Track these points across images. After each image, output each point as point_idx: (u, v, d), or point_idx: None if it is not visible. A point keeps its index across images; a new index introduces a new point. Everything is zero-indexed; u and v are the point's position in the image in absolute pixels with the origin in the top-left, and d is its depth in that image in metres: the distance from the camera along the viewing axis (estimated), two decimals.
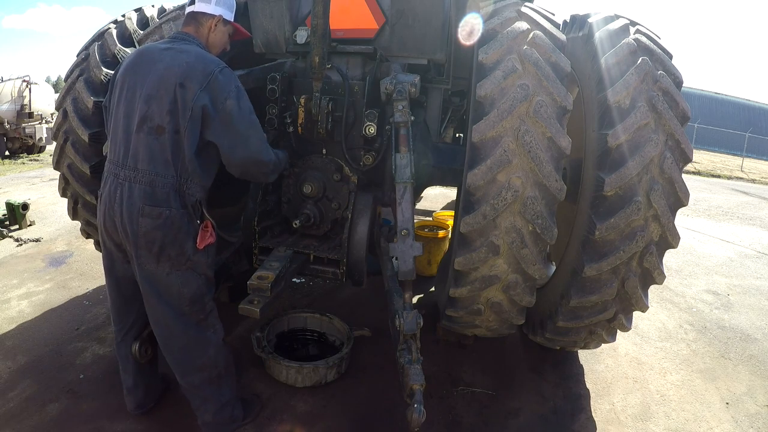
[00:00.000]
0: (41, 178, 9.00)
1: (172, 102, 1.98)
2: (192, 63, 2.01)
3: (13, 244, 5.07)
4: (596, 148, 2.39)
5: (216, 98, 2.01)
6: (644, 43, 2.41)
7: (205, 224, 2.14)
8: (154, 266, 2.07)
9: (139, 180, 2.00)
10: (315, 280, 4.15)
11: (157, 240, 2.01)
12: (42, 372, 2.85)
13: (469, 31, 2.57)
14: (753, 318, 4.35)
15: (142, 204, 1.99)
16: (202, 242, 2.11)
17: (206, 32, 2.24)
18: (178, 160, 2.02)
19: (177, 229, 2.04)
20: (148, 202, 1.99)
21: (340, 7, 2.80)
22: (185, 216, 2.06)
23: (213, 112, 2.00)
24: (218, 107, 2.01)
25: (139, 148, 2.00)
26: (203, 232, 2.12)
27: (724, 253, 6.43)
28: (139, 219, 1.99)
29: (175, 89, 1.97)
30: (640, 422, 2.78)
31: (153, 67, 2.03)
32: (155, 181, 2.00)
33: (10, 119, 12.10)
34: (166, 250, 2.04)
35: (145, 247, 2.03)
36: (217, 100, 2.01)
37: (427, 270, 4.33)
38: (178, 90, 1.97)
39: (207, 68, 2.02)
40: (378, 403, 2.73)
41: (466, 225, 2.25)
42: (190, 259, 2.11)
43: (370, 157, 2.79)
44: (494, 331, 2.73)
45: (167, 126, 1.98)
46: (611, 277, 2.36)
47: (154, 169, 2.00)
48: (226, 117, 2.03)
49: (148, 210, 1.99)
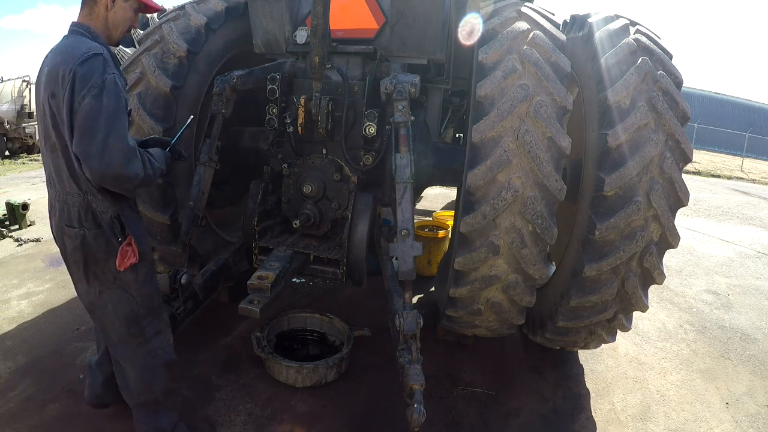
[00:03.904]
0: (41, 178, 8.99)
1: (51, 116, 1.78)
2: (57, 65, 1.74)
3: (13, 244, 5.07)
4: (596, 148, 2.39)
5: (74, 97, 1.70)
6: (644, 43, 2.41)
7: (127, 241, 1.92)
8: (86, 286, 1.98)
9: (59, 199, 1.91)
10: (315, 280, 4.14)
11: (79, 260, 1.91)
12: (42, 372, 2.85)
13: (469, 31, 2.57)
14: (753, 318, 4.35)
15: (62, 224, 1.90)
16: (122, 263, 1.91)
17: (102, 11, 1.92)
18: (77, 176, 1.82)
19: (95, 250, 1.89)
20: (66, 223, 1.89)
21: (340, 7, 2.80)
22: (100, 236, 1.88)
23: (69, 117, 1.71)
24: (74, 108, 1.70)
25: (51, 167, 1.89)
26: (123, 251, 1.91)
27: (724, 253, 6.43)
28: (63, 239, 1.93)
29: (48, 101, 1.77)
30: (640, 422, 2.78)
31: (41, 77, 1.85)
32: (67, 199, 1.87)
33: (10, 119, 12.10)
34: (90, 268, 1.93)
35: (74, 266, 1.96)
36: (75, 99, 1.70)
37: (427, 270, 4.33)
38: (51, 101, 1.76)
39: (68, 63, 1.71)
40: (378, 403, 2.73)
41: (466, 225, 2.25)
42: (117, 278, 1.96)
43: (370, 157, 2.78)
44: (494, 331, 2.73)
45: (57, 142, 1.81)
46: (611, 277, 2.37)
47: (63, 188, 1.87)
48: (81, 120, 1.69)
49: (67, 230, 1.90)
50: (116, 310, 1.99)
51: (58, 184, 1.88)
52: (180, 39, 2.79)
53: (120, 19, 1.96)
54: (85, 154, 1.69)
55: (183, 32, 2.84)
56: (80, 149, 1.70)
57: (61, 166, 1.84)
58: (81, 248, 1.88)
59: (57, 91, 1.73)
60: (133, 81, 2.72)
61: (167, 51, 2.79)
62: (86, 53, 1.73)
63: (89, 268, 1.92)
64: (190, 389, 2.71)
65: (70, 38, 1.87)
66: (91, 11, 1.91)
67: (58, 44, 1.87)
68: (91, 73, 1.71)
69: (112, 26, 1.95)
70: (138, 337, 2.05)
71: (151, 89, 2.73)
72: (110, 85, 1.73)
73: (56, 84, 1.73)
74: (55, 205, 1.92)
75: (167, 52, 2.78)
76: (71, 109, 1.70)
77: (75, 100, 1.69)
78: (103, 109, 1.69)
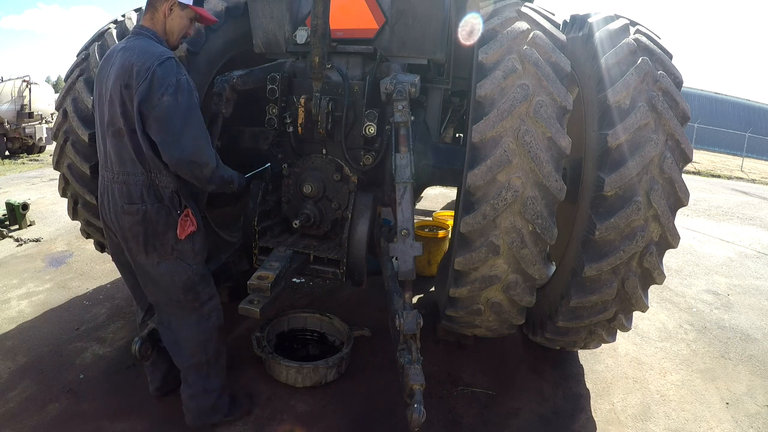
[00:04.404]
0: (41, 178, 8.99)
1: (122, 104, 2.01)
2: (134, 61, 1.99)
3: (13, 244, 5.07)
4: (596, 148, 2.39)
5: (153, 94, 1.96)
6: (644, 43, 2.41)
7: (185, 213, 2.16)
8: (144, 258, 2.16)
9: (117, 180, 2.11)
10: (315, 280, 4.15)
11: (140, 234, 2.10)
12: (42, 372, 2.85)
13: (469, 31, 2.57)
14: (753, 318, 4.35)
15: (121, 203, 2.09)
16: (182, 232, 2.15)
17: (162, 18, 2.17)
18: (142, 157, 2.06)
19: (155, 223, 2.10)
20: (126, 201, 2.09)
21: (340, 7, 2.80)
22: (162, 209, 2.11)
23: (148, 109, 1.97)
24: (153, 103, 1.96)
25: (111, 151, 2.10)
26: (183, 221, 2.15)
27: (724, 253, 6.43)
28: (121, 216, 2.10)
29: (121, 92, 2.00)
30: (640, 422, 2.78)
31: (110, 70, 2.07)
32: (128, 180, 2.09)
33: (10, 119, 12.10)
34: (150, 241, 2.12)
35: (133, 240, 2.13)
36: (153, 95, 1.96)
37: (427, 270, 4.33)
38: (123, 92, 1.99)
39: (146, 64, 1.97)
40: (378, 403, 2.73)
41: (466, 225, 2.25)
42: (175, 249, 2.17)
43: (370, 157, 2.78)
44: (494, 331, 2.73)
45: (124, 128, 2.03)
46: (611, 277, 2.36)
47: (125, 169, 2.08)
48: (161, 113, 1.97)
49: (127, 208, 2.09)
50: (174, 278, 2.19)
51: (118, 166, 2.09)
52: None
53: (176, 26, 2.21)
54: (164, 142, 1.99)
55: None
56: (160, 138, 1.99)
57: (124, 150, 2.06)
58: (142, 222, 2.08)
59: (131, 83, 1.97)
60: None
61: None
62: (162, 55, 2.01)
63: (149, 241, 2.11)
64: None
65: (139, 39, 2.11)
66: (153, 16, 2.17)
67: (129, 44, 2.09)
68: (167, 73, 1.98)
69: (169, 32, 2.20)
70: (194, 302, 2.26)
71: None
72: (184, 84, 2.02)
73: (131, 77, 1.97)
74: (111, 186, 2.12)
75: None
76: (149, 102, 1.95)
77: (154, 96, 1.95)
78: (179, 105, 1.99)
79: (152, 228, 2.10)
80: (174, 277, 2.19)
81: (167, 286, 2.21)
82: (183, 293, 2.23)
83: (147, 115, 1.98)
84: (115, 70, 2.03)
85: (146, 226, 2.09)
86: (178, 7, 2.18)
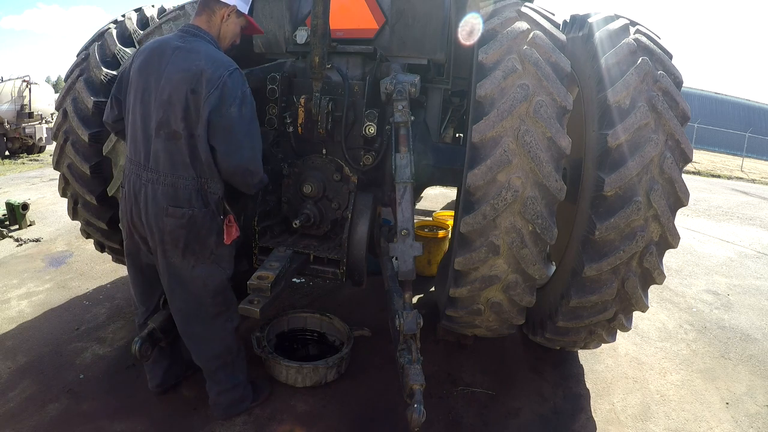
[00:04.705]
0: (41, 178, 8.99)
1: (185, 109, 2.01)
2: (202, 67, 2.01)
3: (13, 244, 5.07)
4: (596, 148, 2.39)
5: (222, 104, 2.01)
6: (644, 43, 2.41)
7: (228, 219, 2.20)
8: (180, 260, 2.16)
9: (162, 182, 2.07)
10: (315, 280, 4.14)
11: (181, 237, 2.10)
12: (42, 372, 2.85)
13: (469, 31, 2.57)
14: (753, 318, 4.35)
15: (166, 205, 2.07)
16: (228, 238, 2.19)
17: (218, 22, 2.20)
18: (196, 162, 2.07)
19: (200, 227, 2.12)
20: (171, 203, 2.07)
21: (340, 7, 2.79)
22: (207, 214, 2.13)
23: (217, 118, 2.02)
24: (222, 113, 2.02)
25: (159, 152, 2.06)
26: (228, 227, 2.19)
27: (724, 253, 6.43)
28: (163, 218, 2.07)
29: (186, 95, 2.00)
30: (640, 422, 2.78)
31: (165, 68, 2.04)
32: (177, 183, 2.07)
33: (10, 119, 12.09)
34: (191, 245, 2.13)
35: (171, 243, 2.12)
36: (222, 105, 2.01)
37: (427, 270, 4.33)
38: (189, 96, 2.00)
39: (216, 72, 2.01)
40: (378, 403, 2.73)
41: (466, 225, 2.25)
42: (214, 253, 2.20)
43: (370, 157, 2.78)
44: (494, 331, 2.73)
45: (182, 132, 2.03)
46: (611, 277, 2.36)
47: (175, 172, 2.06)
48: (228, 123, 2.03)
49: (172, 211, 2.07)
50: (207, 282, 2.21)
51: (168, 168, 2.06)
52: None
53: (230, 32, 2.26)
54: (226, 151, 2.05)
55: None
56: (223, 147, 2.05)
57: (177, 153, 2.05)
58: (186, 226, 2.08)
59: (199, 89, 1.99)
60: None
61: None
62: (230, 65, 2.06)
63: (189, 244, 2.12)
64: (190, 389, 2.71)
65: (199, 42, 2.11)
66: (210, 19, 2.19)
67: (187, 44, 2.08)
68: (236, 86, 2.04)
69: (222, 37, 2.24)
70: (222, 305, 2.29)
71: None
72: (248, 97, 2.09)
73: (199, 83, 1.99)
74: (152, 187, 2.07)
75: None
76: (218, 112, 2.00)
77: (223, 106, 2.00)
78: (243, 117, 2.05)
79: (195, 232, 2.11)
80: (207, 280, 2.21)
81: (198, 290, 2.22)
82: (212, 297, 2.25)
83: (214, 124, 2.01)
84: (178, 71, 2.01)
85: (189, 229, 2.09)
86: (235, 14, 2.22)
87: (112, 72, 3.06)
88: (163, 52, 2.07)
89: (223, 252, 2.24)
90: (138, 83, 2.09)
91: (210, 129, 2.03)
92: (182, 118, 2.01)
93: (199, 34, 2.14)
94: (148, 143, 2.08)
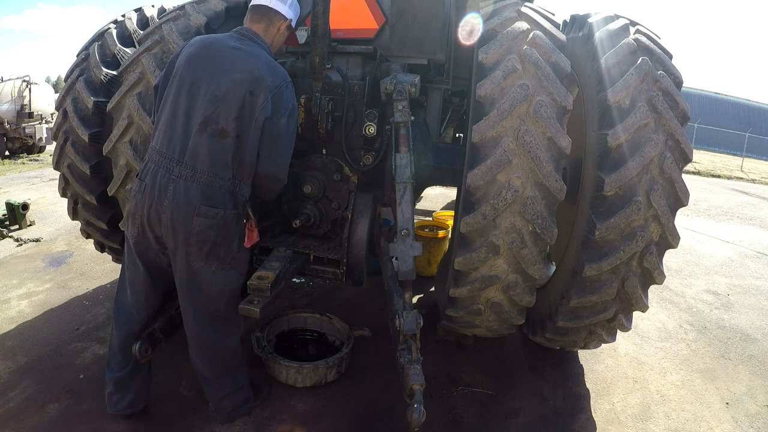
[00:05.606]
0: (41, 178, 8.99)
1: (240, 109, 2.01)
2: (263, 72, 2.05)
3: (13, 244, 5.07)
4: (596, 148, 2.39)
5: (276, 113, 2.07)
6: (644, 43, 2.41)
7: (249, 224, 2.22)
8: (202, 264, 2.11)
9: (197, 180, 2.02)
10: (315, 280, 4.14)
11: (209, 239, 2.06)
12: (42, 372, 2.85)
13: (469, 31, 2.57)
14: (753, 318, 4.35)
15: (199, 203, 2.01)
16: (249, 241, 2.20)
17: (274, 32, 2.28)
18: (236, 163, 2.07)
19: (228, 229, 2.11)
20: (205, 202, 2.03)
21: (340, 7, 2.80)
22: (235, 216, 2.13)
23: (269, 125, 2.06)
24: (273, 121, 2.07)
25: (200, 148, 2.01)
26: (249, 232, 2.21)
27: (724, 253, 6.43)
28: (194, 218, 2.01)
29: (244, 96, 2.01)
30: (640, 422, 2.78)
31: (220, 66, 2.04)
32: (213, 182, 2.04)
33: (10, 119, 12.09)
34: (216, 248, 2.10)
35: (196, 245, 2.05)
36: (276, 114, 2.07)
37: (427, 270, 4.33)
38: (247, 97, 2.01)
39: (276, 80, 2.06)
40: (378, 403, 2.73)
41: (466, 225, 2.25)
42: (234, 258, 2.19)
43: (370, 157, 2.78)
44: (494, 331, 2.73)
45: (231, 131, 2.02)
46: (611, 277, 2.36)
47: (214, 171, 2.04)
48: (275, 132, 2.09)
49: (205, 210, 2.02)
50: (224, 287, 2.20)
51: (206, 166, 2.02)
52: (180, 39, 2.78)
53: (279, 43, 2.36)
54: (268, 157, 2.13)
55: (183, 32, 2.83)
56: (266, 153, 2.11)
57: (220, 152, 2.03)
58: (217, 226, 2.05)
59: (258, 93, 2.03)
60: (133, 81, 2.71)
61: (167, 51, 2.78)
62: (287, 78, 2.14)
63: (216, 247, 2.09)
64: (190, 389, 2.71)
65: (257, 48, 2.16)
66: (267, 28, 2.26)
67: (246, 47, 2.13)
68: (290, 98, 2.13)
69: (274, 45, 2.32)
70: (233, 311, 2.26)
71: (152, 89, 2.72)
72: (296, 110, 2.21)
73: (259, 87, 2.03)
74: (184, 184, 2.01)
75: (167, 52, 2.78)
76: (272, 119, 2.06)
77: (276, 114, 2.07)
78: (289, 128, 2.15)
79: (224, 234, 2.09)
80: (225, 286, 2.20)
81: (214, 295, 2.19)
82: (227, 302, 2.23)
83: (266, 130, 2.06)
84: (238, 71, 2.03)
85: (219, 231, 2.07)
86: (288, 27, 2.33)
87: (112, 72, 3.06)
88: (218, 50, 2.08)
89: (243, 256, 2.24)
90: (185, 75, 2.05)
91: (261, 135, 2.08)
92: (235, 117, 2.01)
93: (257, 41, 2.19)
94: (186, 138, 2.01)
